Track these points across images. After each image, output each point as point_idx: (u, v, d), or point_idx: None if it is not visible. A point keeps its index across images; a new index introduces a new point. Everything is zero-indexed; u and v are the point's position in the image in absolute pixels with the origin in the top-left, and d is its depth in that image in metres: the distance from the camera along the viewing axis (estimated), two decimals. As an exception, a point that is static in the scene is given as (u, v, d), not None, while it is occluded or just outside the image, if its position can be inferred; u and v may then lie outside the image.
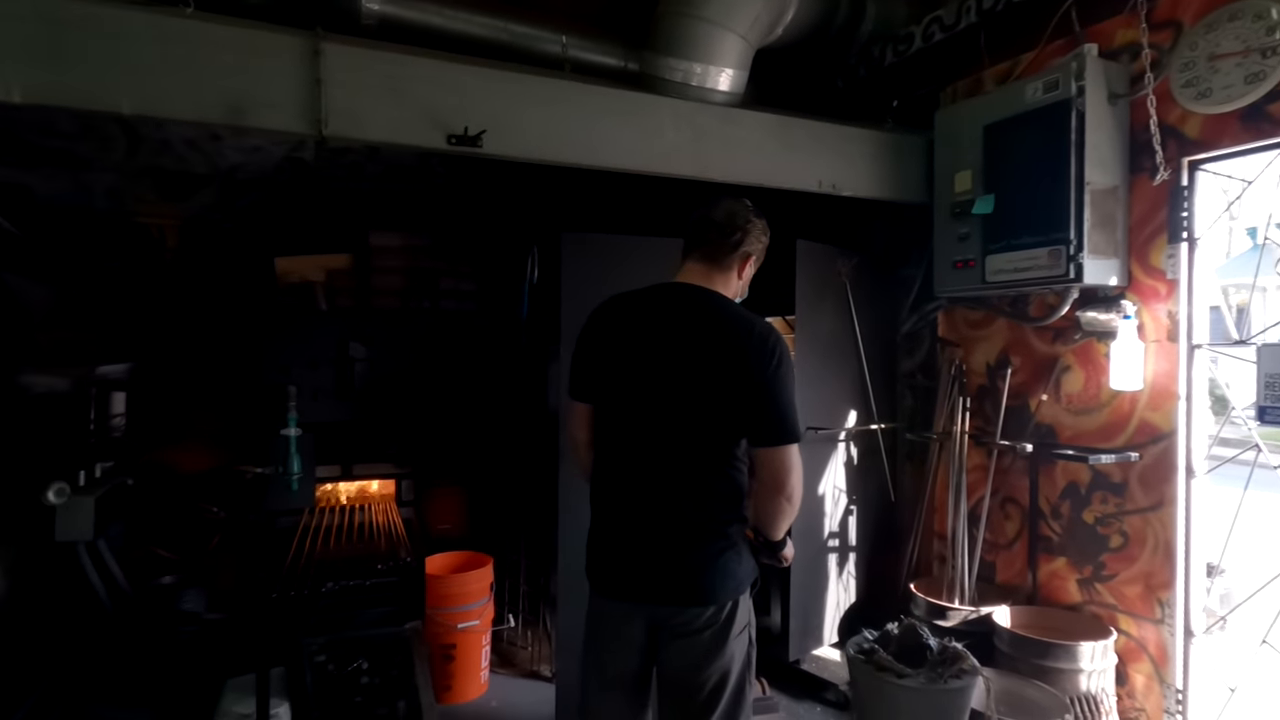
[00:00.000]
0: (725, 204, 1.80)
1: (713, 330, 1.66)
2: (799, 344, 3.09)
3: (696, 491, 1.66)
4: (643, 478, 1.70)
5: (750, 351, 1.61)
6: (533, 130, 2.42)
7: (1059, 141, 2.63)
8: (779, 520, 1.68)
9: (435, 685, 3.06)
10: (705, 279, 1.77)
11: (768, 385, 1.61)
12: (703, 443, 1.65)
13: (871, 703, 2.40)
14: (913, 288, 3.57)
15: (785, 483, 1.63)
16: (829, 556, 3.33)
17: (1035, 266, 2.72)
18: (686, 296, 1.73)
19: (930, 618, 3.02)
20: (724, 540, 1.66)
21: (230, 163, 3.89)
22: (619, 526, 1.74)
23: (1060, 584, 2.96)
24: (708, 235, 1.76)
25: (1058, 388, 2.98)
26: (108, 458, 3.20)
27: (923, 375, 3.60)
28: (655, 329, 1.70)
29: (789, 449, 1.63)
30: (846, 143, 3.05)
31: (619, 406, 1.74)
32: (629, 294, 1.79)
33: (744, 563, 1.70)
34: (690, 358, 1.65)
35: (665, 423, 1.67)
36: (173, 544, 3.85)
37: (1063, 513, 2.95)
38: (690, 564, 1.64)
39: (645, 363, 1.69)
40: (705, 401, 1.64)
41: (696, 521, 1.65)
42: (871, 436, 3.49)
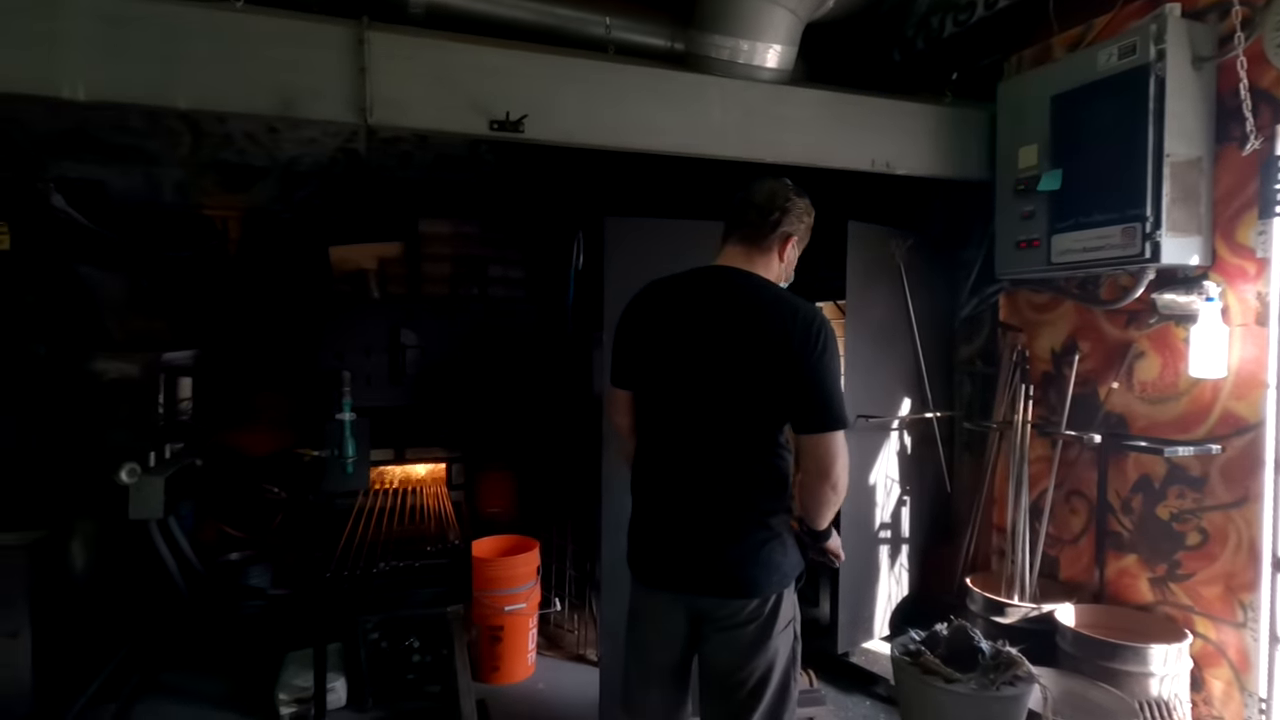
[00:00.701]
0: (765, 184, 1.75)
1: (754, 313, 1.61)
2: (849, 329, 2.99)
3: (738, 480, 1.62)
4: (683, 465, 1.67)
5: (794, 335, 1.56)
6: (575, 114, 2.39)
7: (1136, 111, 2.45)
8: (824, 509, 1.62)
9: (483, 666, 3.13)
10: (746, 261, 1.72)
11: (812, 370, 1.56)
12: (744, 429, 1.61)
13: (916, 707, 2.31)
14: (973, 270, 3.41)
15: (830, 471, 1.57)
16: (880, 548, 3.23)
17: (1107, 246, 2.55)
18: (726, 280, 1.69)
19: (987, 614, 2.91)
20: (767, 531, 1.62)
21: (288, 155, 4.01)
22: (659, 515, 1.71)
23: (1130, 583, 2.80)
24: (747, 216, 1.71)
25: (1130, 375, 2.80)
26: (177, 440, 3.37)
27: (982, 362, 3.44)
28: (694, 314, 1.66)
29: (834, 436, 1.56)
30: (902, 118, 2.92)
31: (659, 393, 1.71)
32: (668, 278, 1.76)
33: (789, 555, 1.65)
34: (730, 342, 1.61)
35: (706, 409, 1.63)
36: (239, 523, 4.04)
37: (1134, 508, 2.79)
38: (732, 555, 1.61)
39: (684, 348, 1.65)
40: (746, 387, 1.60)
41: (738, 511, 1.61)
42: (927, 425, 3.36)
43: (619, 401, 1.82)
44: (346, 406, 3.44)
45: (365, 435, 3.55)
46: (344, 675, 2.95)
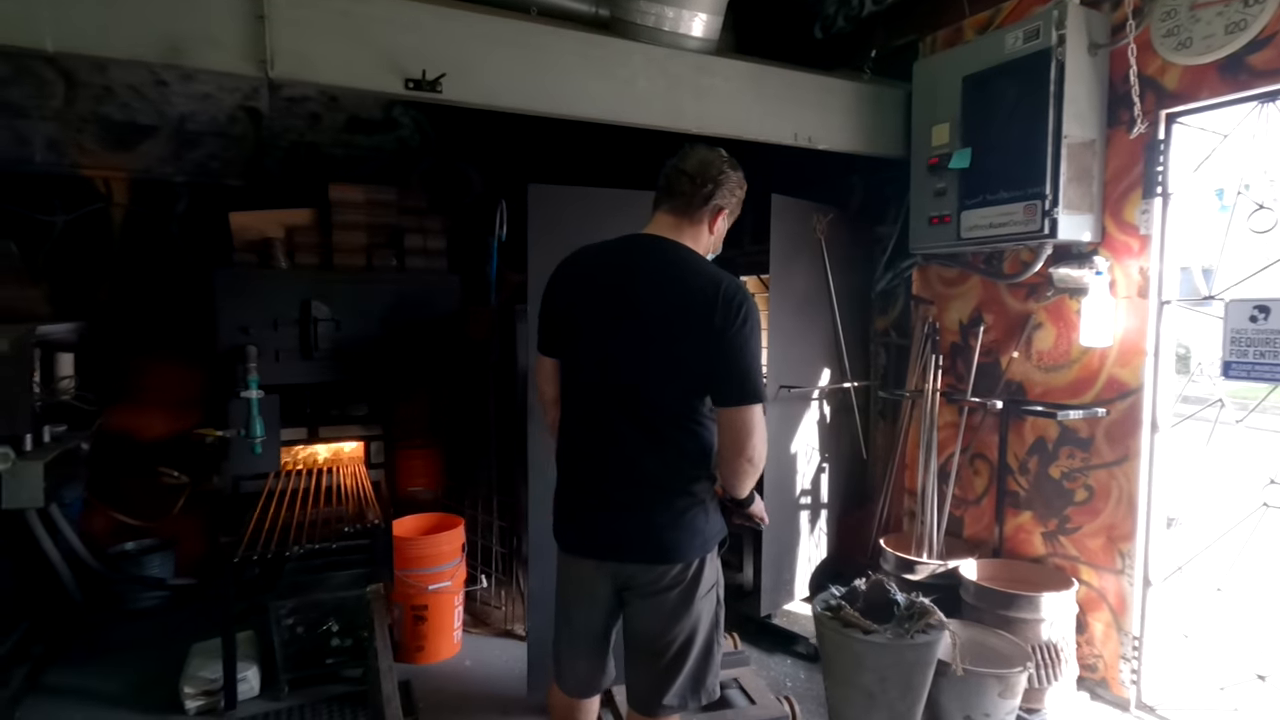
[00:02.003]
0: (698, 153, 1.74)
1: (678, 284, 1.60)
2: (773, 301, 3.05)
3: (661, 448, 1.62)
4: (607, 434, 1.66)
5: (716, 308, 1.56)
6: (497, 76, 2.30)
7: (1038, 93, 2.58)
8: (742, 480, 1.65)
9: (408, 647, 3.05)
10: (674, 231, 1.71)
11: (731, 344, 1.57)
12: (667, 399, 1.62)
13: (838, 659, 2.42)
14: (888, 245, 3.53)
15: (746, 444, 1.58)
16: (800, 513, 3.35)
17: (1011, 222, 2.69)
18: (654, 249, 1.67)
19: (899, 572, 3.07)
20: (690, 498, 1.64)
21: (179, 111, 3.71)
22: (583, 484, 1.71)
23: (1026, 538, 3.02)
24: (679, 185, 1.70)
25: (1029, 345, 2.99)
26: (59, 422, 3.09)
27: (896, 333, 3.59)
28: (620, 282, 1.64)
29: (751, 410, 1.58)
30: (823, 94, 2.97)
31: (582, 361, 1.69)
32: (597, 245, 1.74)
33: (711, 521, 1.68)
34: (654, 311, 1.60)
35: (628, 378, 1.63)
36: (136, 510, 3.77)
37: (1030, 468, 2.99)
38: (656, 522, 1.62)
39: (609, 316, 1.64)
40: (668, 357, 1.60)
41: (662, 479, 1.62)
42: (845, 394, 3.49)
43: (545, 369, 1.80)
44: (253, 384, 3.25)
45: (274, 414, 3.37)
46: (257, 663, 2.82)
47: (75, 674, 2.94)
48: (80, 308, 3.64)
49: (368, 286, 3.68)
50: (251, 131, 3.90)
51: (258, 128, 3.89)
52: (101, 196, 3.73)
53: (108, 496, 3.69)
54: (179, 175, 3.84)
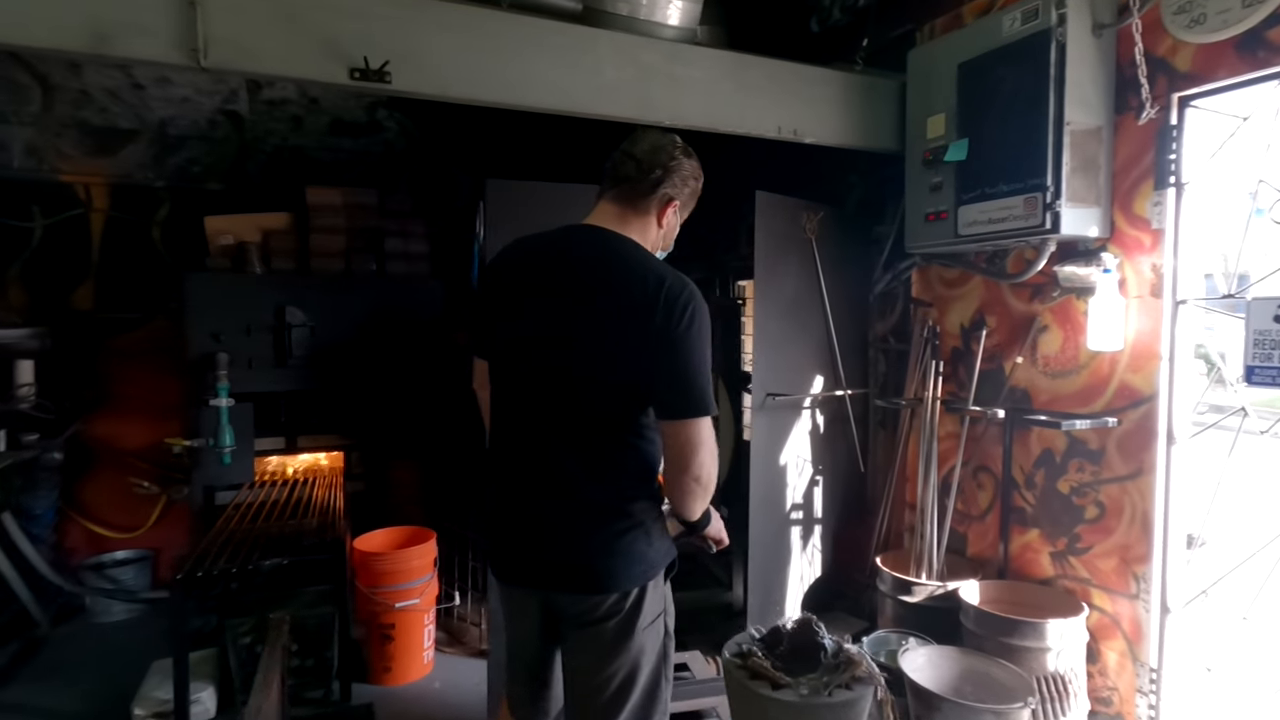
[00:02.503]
0: (648, 136, 1.59)
1: (615, 280, 1.45)
2: (758, 304, 2.88)
3: (597, 464, 1.47)
4: (536, 447, 1.51)
5: (657, 307, 1.40)
6: (449, 65, 2.18)
7: (1038, 78, 2.39)
8: (690, 501, 1.48)
9: (374, 667, 2.92)
10: (618, 222, 1.56)
11: (674, 348, 1.41)
12: (604, 409, 1.46)
13: (744, 715, 2.09)
14: (885, 245, 3.35)
15: (691, 462, 1.42)
16: (792, 529, 3.16)
17: (1010, 217, 2.50)
18: (593, 240, 1.52)
19: (896, 593, 2.87)
20: (627, 519, 1.47)
21: (158, 115, 3.65)
22: (512, 503, 1.56)
23: (1033, 557, 2.80)
24: (624, 171, 1.55)
25: (1034, 349, 2.78)
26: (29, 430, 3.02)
27: (895, 339, 3.39)
28: (552, 278, 1.50)
29: (696, 424, 1.42)
30: (810, 85, 2.80)
31: (511, 366, 1.54)
32: (533, 236, 1.60)
33: (654, 545, 1.51)
34: (588, 312, 1.45)
35: (561, 383, 1.48)
36: (111, 521, 3.70)
37: (1037, 482, 2.78)
38: (589, 547, 1.46)
39: (539, 316, 1.49)
40: (604, 362, 1.45)
41: (596, 498, 1.46)
42: (839, 403, 3.29)
43: (479, 373, 1.66)
44: (222, 391, 3.16)
45: (246, 423, 3.28)
46: (215, 684, 2.70)
47: (33, 690, 2.86)
48: (59, 314, 3.59)
49: (345, 292, 3.58)
50: (234, 135, 3.84)
51: (240, 131, 3.83)
52: (81, 202, 3.68)
53: (82, 507, 3.62)
54: (160, 180, 3.79)
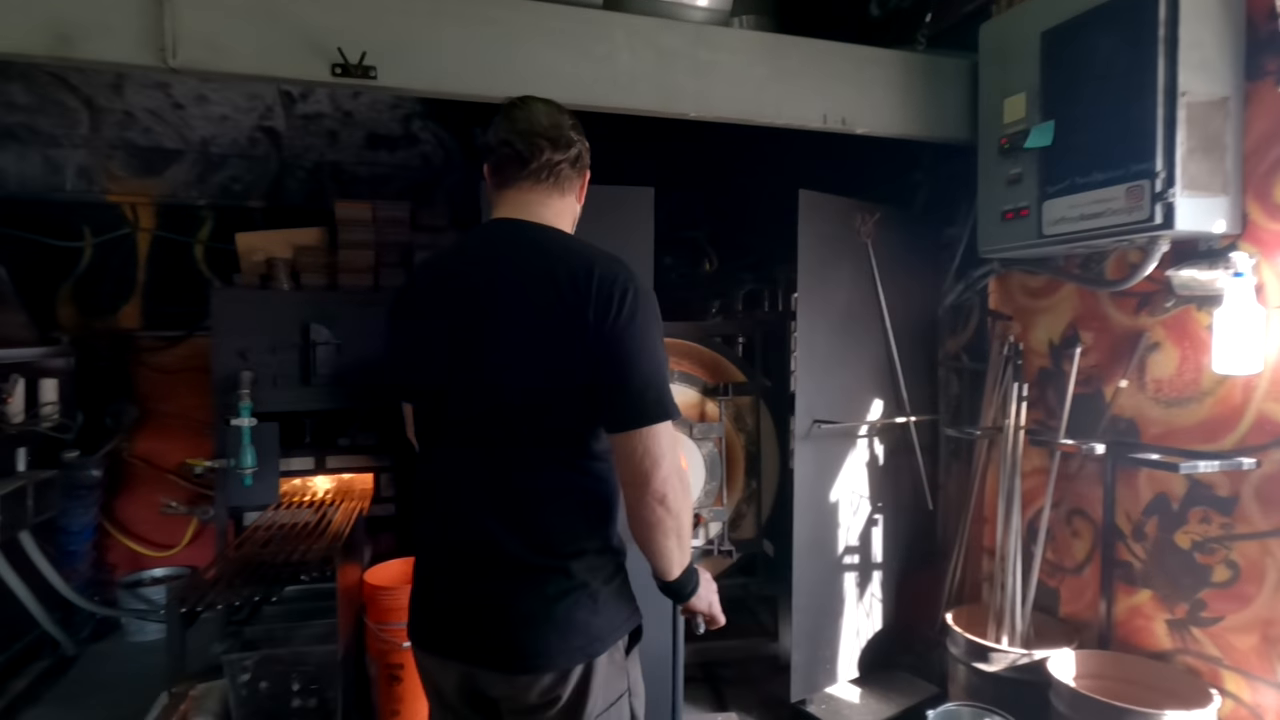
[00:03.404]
0: (535, 108, 1.31)
1: (536, 280, 1.19)
2: (802, 318, 2.53)
3: (522, 509, 1.19)
4: (456, 490, 1.25)
5: (588, 298, 1.15)
6: (442, 57, 1.98)
7: (1142, 40, 1.97)
8: (659, 538, 1.18)
9: (381, 709, 2.72)
10: (540, 211, 1.30)
11: (614, 343, 1.15)
12: (537, 437, 1.20)
13: None
14: (958, 250, 2.92)
15: (650, 478, 1.14)
16: (845, 575, 2.76)
17: (1109, 211, 2.06)
18: (510, 239, 1.27)
19: (970, 659, 2.43)
20: (564, 580, 1.18)
21: (200, 134, 3.68)
22: (434, 559, 1.30)
23: (1144, 624, 2.30)
24: (534, 152, 1.27)
25: (1142, 371, 2.30)
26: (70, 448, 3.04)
27: (969, 357, 2.95)
28: (467, 294, 1.24)
29: (652, 433, 1.14)
30: (861, 67, 2.45)
31: (431, 398, 1.29)
32: (443, 253, 1.37)
33: (603, 611, 1.21)
34: (511, 320, 1.20)
35: (487, 416, 1.21)
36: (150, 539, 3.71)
37: (1148, 533, 2.29)
38: (513, 614, 1.18)
39: (458, 337, 1.24)
40: (535, 379, 1.18)
41: (521, 552, 1.19)
42: (902, 432, 2.88)
43: (408, 418, 1.41)
44: (244, 411, 3.06)
45: (271, 443, 3.18)
46: None
47: (54, 711, 2.82)
48: (105, 332, 3.65)
49: (374, 308, 3.45)
50: (273, 152, 3.83)
51: (279, 148, 3.82)
52: (129, 222, 3.74)
53: (122, 524, 3.64)
54: (203, 199, 3.81)
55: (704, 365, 2.90)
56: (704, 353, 2.88)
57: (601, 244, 1.23)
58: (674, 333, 2.87)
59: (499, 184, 1.31)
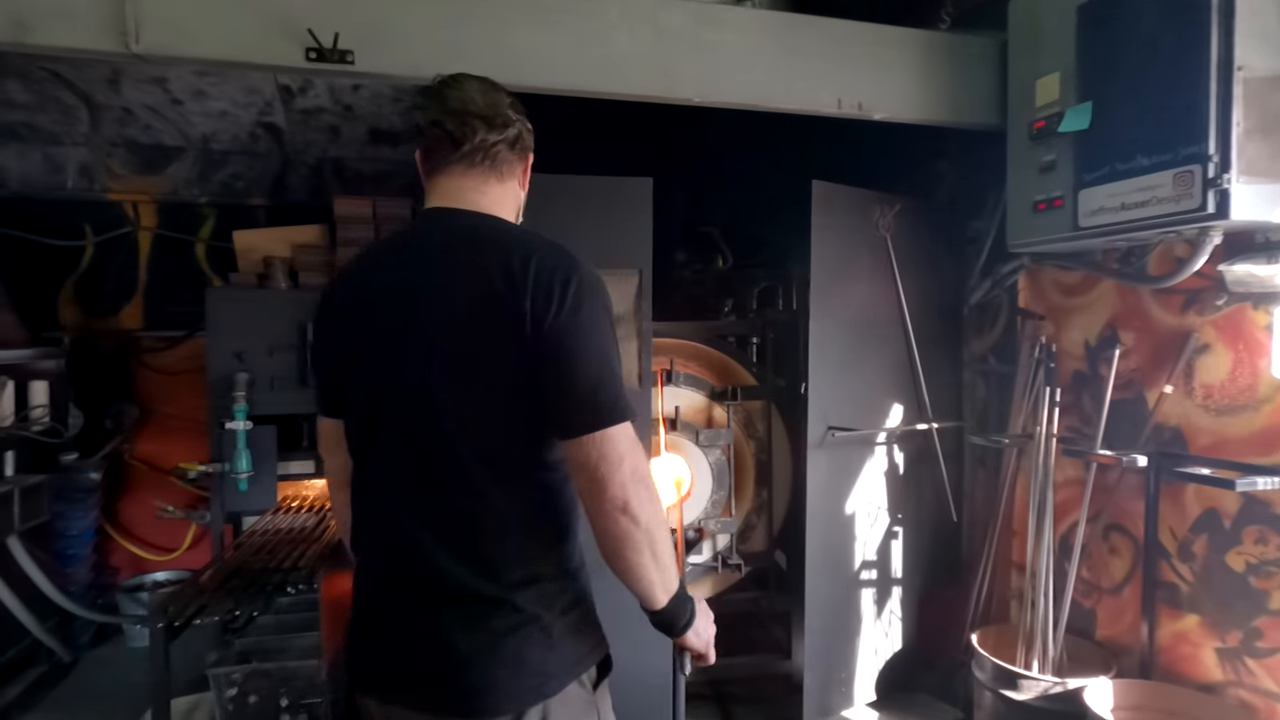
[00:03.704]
0: (468, 87, 1.17)
1: (466, 269, 1.07)
2: (814, 317, 2.37)
3: (465, 534, 1.06)
4: (392, 516, 1.11)
5: (524, 289, 1.02)
6: (423, 41, 1.85)
7: (1193, 10, 1.77)
8: (626, 553, 1.04)
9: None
10: (476, 198, 1.16)
11: (557, 340, 1.02)
12: (471, 452, 1.06)
13: None
14: (984, 245, 2.73)
15: (607, 484, 1.01)
16: (862, 591, 2.59)
17: (1154, 199, 1.87)
18: (444, 229, 1.15)
19: (997, 685, 2.25)
20: (512, 614, 1.05)
21: (200, 131, 3.60)
22: (369, 591, 1.17)
23: (1191, 652, 2.10)
24: (473, 136, 1.14)
25: (1190, 376, 2.10)
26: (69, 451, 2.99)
27: (996, 359, 2.76)
28: (401, 288, 1.11)
29: (608, 436, 1.02)
30: (879, 47, 2.28)
31: (361, 412, 1.16)
32: (373, 247, 1.27)
33: (561, 645, 1.07)
34: (436, 320, 1.07)
35: (414, 429, 1.08)
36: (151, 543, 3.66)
37: (1195, 552, 2.09)
38: (455, 653, 1.04)
39: (389, 342, 1.11)
40: (462, 383, 1.05)
41: (464, 583, 1.05)
42: (924, 439, 2.70)
43: (325, 438, 1.28)
44: (239, 414, 2.98)
45: (268, 447, 3.09)
46: (205, 735, 2.48)
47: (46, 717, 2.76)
48: (107, 333, 3.60)
49: (373, 308, 3.35)
50: (275, 149, 3.75)
51: (281, 145, 3.73)
52: (130, 221, 3.69)
53: (124, 528, 3.59)
54: (204, 197, 3.74)
55: (711, 367, 2.75)
56: (711, 354, 2.73)
57: (599, 236, 1.11)
58: (680, 333, 2.73)
59: (430, 170, 1.18)
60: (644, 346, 2.00)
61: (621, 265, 2.00)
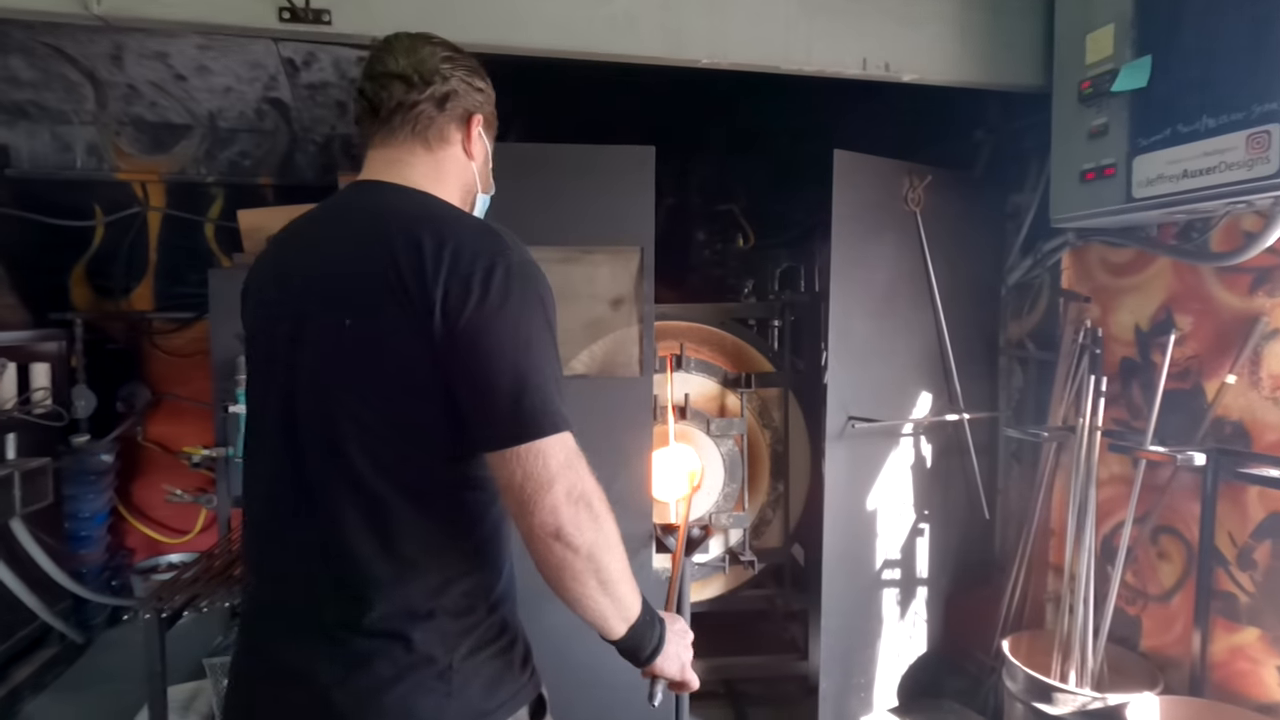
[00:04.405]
0: (398, 45, 1.04)
1: (370, 254, 0.92)
2: (835, 298, 2.19)
3: (352, 560, 0.91)
4: (273, 533, 1.00)
5: (436, 279, 0.87)
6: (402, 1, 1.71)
7: (1274, -55, 1.54)
8: (568, 585, 0.90)
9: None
10: (400, 170, 1.03)
11: (474, 337, 0.87)
12: (370, 464, 0.91)
13: None
14: (1025, 220, 2.51)
15: (534, 508, 0.86)
16: (884, 592, 2.43)
17: (1221, 165, 1.66)
18: (351, 204, 1.02)
19: (1030, 697, 2.09)
20: (403, 652, 0.90)
21: (206, 108, 3.53)
22: (252, 621, 1.05)
23: (1249, 669, 1.91)
24: (392, 98, 1.01)
25: (1256, 364, 1.89)
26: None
27: (1035, 345, 2.55)
28: (293, 273, 0.99)
29: (535, 450, 0.86)
30: (911, 2, 2.07)
31: (258, 410, 1.04)
32: (294, 222, 1.09)
33: (464, 692, 0.92)
34: (331, 313, 0.93)
35: (304, 436, 0.94)
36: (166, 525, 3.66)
37: (1257, 560, 1.89)
38: (331, 702, 0.90)
39: (276, 333, 0.98)
40: (358, 389, 0.91)
41: (345, 618, 0.91)
42: (954, 431, 2.51)
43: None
44: (241, 397, 2.93)
45: (273, 431, 3.04)
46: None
47: (55, 702, 2.76)
48: (118, 315, 3.58)
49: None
50: (283, 126, 3.67)
51: (288, 122, 3.65)
52: (139, 201, 3.65)
53: (138, 510, 3.59)
54: (211, 176, 3.68)
55: (725, 353, 2.59)
56: (725, 338, 2.57)
57: (596, 210, 0.96)
58: (691, 315, 2.57)
59: (362, 144, 1.06)
60: (645, 330, 1.86)
61: (621, 242, 1.85)
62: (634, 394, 1.91)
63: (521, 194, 1.33)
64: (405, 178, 1.01)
